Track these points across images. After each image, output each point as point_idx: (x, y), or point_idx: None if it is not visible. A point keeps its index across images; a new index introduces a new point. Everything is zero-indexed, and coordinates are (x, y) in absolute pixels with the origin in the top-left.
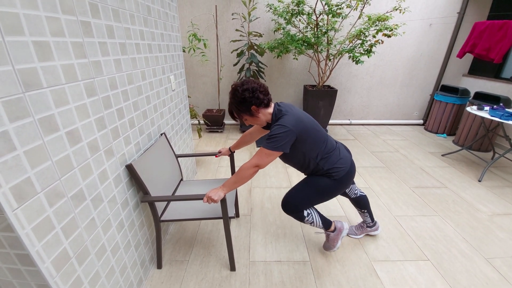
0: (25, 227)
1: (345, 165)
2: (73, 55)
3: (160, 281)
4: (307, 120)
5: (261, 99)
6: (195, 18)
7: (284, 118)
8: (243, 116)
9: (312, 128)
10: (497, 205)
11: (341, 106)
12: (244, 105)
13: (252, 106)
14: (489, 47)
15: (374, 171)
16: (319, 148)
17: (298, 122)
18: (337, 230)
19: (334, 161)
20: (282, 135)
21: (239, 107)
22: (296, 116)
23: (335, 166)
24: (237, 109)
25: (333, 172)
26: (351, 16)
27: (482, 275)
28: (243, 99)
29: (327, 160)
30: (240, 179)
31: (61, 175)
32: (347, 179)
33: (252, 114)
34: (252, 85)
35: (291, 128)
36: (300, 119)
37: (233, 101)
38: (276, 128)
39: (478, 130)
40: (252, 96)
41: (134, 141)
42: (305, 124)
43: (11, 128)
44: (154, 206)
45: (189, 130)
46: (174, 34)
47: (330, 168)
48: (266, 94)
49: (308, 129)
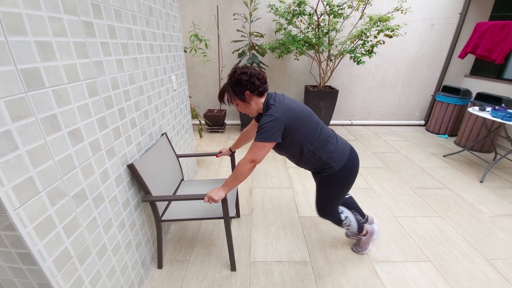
0: (27, 226)
1: (344, 152)
2: (75, 55)
3: (161, 281)
4: (298, 108)
5: (256, 86)
6: (197, 18)
7: (273, 108)
8: (235, 100)
9: (304, 116)
10: (498, 206)
11: (342, 106)
12: (238, 87)
13: (246, 91)
14: (491, 47)
15: (375, 171)
16: (312, 136)
17: (287, 111)
18: (369, 234)
19: (331, 149)
20: (270, 124)
21: (233, 88)
22: (284, 105)
23: (333, 155)
24: (231, 90)
25: (333, 162)
26: (353, 16)
27: (483, 276)
28: (239, 80)
29: (324, 149)
30: (238, 176)
31: (63, 175)
32: (352, 165)
33: (244, 100)
34: (251, 71)
35: (279, 116)
36: (289, 108)
37: (229, 81)
38: (264, 118)
39: (479, 131)
40: (248, 81)
41: (135, 141)
42: (294, 112)
43: (14, 127)
44: (155, 206)
45: (190, 130)
46: (175, 34)
47: (328, 157)
48: (263, 83)
49: (299, 117)
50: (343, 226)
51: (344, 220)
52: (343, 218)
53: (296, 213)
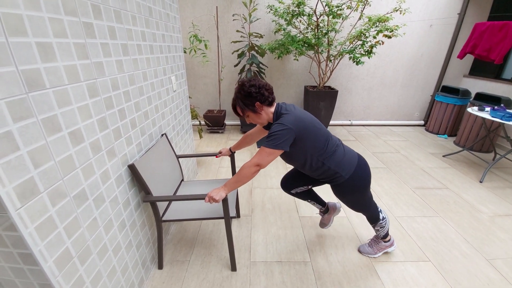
0: (28, 226)
1: (352, 160)
2: (76, 56)
3: (161, 281)
4: (308, 119)
5: (265, 96)
6: (196, 19)
7: (284, 117)
8: (246, 112)
9: (313, 127)
10: (498, 206)
11: (341, 107)
12: (248, 100)
13: (256, 102)
14: (490, 48)
15: (375, 172)
16: (321, 146)
17: (298, 121)
18: (390, 243)
19: (339, 158)
20: (281, 132)
21: (244, 101)
22: (296, 115)
23: (341, 164)
24: (242, 103)
25: (342, 171)
26: (352, 17)
27: (483, 276)
28: (249, 93)
29: (332, 158)
30: (242, 178)
31: (64, 175)
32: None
33: (255, 111)
34: (259, 82)
35: (290, 126)
36: (300, 118)
37: (238, 95)
38: (275, 126)
39: (479, 131)
40: (258, 92)
41: (135, 141)
42: (305, 122)
43: (15, 128)
44: (156, 206)
45: (190, 130)
46: (175, 35)
47: (337, 166)
48: (270, 93)
49: (309, 127)
50: (376, 225)
51: (381, 220)
52: (380, 218)
53: (296, 213)
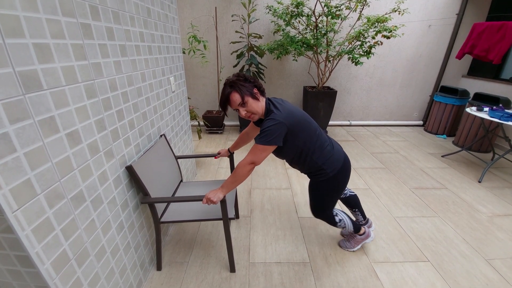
0: (25, 228)
1: (339, 159)
2: (73, 57)
3: (160, 282)
4: (298, 114)
5: (259, 84)
6: (195, 19)
7: (275, 112)
8: (245, 97)
9: (304, 121)
10: (497, 206)
11: (340, 107)
12: (247, 83)
13: (254, 88)
14: (488, 48)
15: (374, 172)
16: (312, 141)
17: (289, 115)
18: (365, 235)
19: (327, 155)
20: (273, 128)
21: (244, 85)
22: (286, 110)
23: (329, 161)
24: (242, 88)
25: (327, 168)
26: (350, 17)
27: (482, 276)
28: (247, 78)
29: (320, 154)
30: (238, 177)
31: (61, 177)
32: (345, 172)
33: (254, 97)
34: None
35: (282, 120)
36: (290, 112)
37: (237, 82)
38: (267, 122)
39: (477, 131)
40: (254, 80)
41: (134, 142)
42: (296, 117)
43: (11, 129)
44: (154, 208)
45: (189, 131)
46: (174, 35)
47: (324, 162)
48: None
49: (300, 122)
50: (338, 227)
51: (339, 223)
52: (337, 221)
53: (295, 214)
